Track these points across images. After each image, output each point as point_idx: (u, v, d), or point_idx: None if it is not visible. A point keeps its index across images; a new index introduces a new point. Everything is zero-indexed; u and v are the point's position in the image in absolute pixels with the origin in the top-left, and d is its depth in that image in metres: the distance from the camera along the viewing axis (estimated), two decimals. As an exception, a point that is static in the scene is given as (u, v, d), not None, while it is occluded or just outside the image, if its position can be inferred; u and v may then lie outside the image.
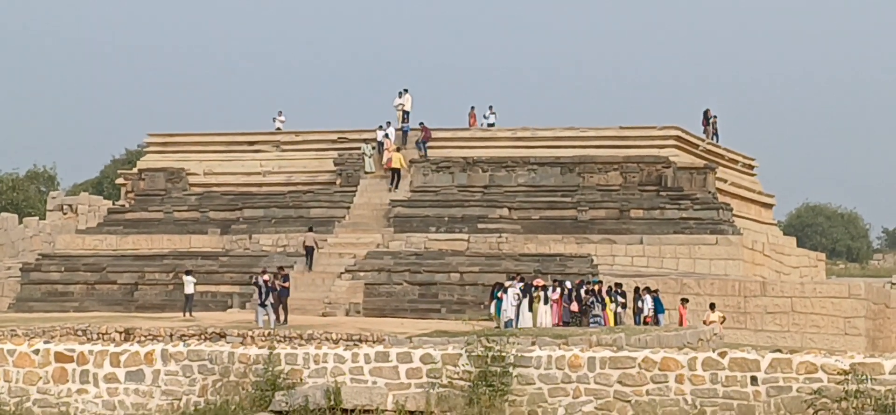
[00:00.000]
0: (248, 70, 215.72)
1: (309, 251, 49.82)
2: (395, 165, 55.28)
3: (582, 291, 41.82)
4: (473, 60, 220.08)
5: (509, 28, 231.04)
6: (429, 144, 56.32)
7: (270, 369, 20.27)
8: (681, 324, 40.25)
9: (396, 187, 55.00)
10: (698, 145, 56.41)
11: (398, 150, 55.97)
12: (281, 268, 42.31)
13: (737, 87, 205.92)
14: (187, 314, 41.83)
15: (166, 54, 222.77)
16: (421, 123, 58.05)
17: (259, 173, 57.89)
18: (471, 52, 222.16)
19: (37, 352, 21.72)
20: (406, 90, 59.11)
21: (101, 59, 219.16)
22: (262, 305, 39.13)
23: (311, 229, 50.92)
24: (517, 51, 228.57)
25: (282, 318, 39.10)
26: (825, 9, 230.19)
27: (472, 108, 60.71)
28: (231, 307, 46.06)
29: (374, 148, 56.19)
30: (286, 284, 40.21)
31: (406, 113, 58.42)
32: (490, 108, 60.64)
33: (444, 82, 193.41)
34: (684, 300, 42.15)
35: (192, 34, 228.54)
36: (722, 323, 40.91)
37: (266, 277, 40.70)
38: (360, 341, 25.97)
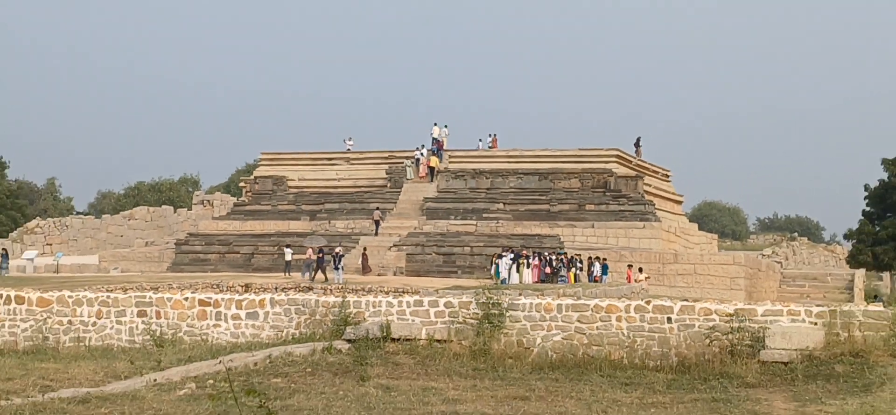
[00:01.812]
0: (328, 105, 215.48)
1: (377, 223, 51.03)
2: (432, 164, 55.52)
3: (553, 259, 42.04)
4: (482, 100, 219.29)
5: (510, 78, 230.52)
6: (449, 157, 56.37)
7: (343, 311, 20.37)
8: (629, 281, 40.40)
9: (433, 181, 55.19)
10: (631, 161, 56.29)
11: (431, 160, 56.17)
12: (319, 247, 42.51)
13: (659, 117, 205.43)
14: (287, 274, 42.02)
15: (272, 96, 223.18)
16: (436, 140, 57.99)
17: (335, 179, 57.95)
18: (481, 94, 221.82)
19: (186, 299, 21.90)
20: (435, 124, 59.07)
21: (231, 97, 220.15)
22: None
23: (378, 209, 51.98)
24: (517, 94, 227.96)
25: (317, 277, 39.29)
26: (717, 57, 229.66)
27: (494, 134, 60.09)
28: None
29: (413, 162, 56.30)
30: (319, 255, 40.42)
31: (434, 139, 58.32)
32: (491, 136, 60.44)
33: (464, 114, 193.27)
34: (630, 266, 42.37)
35: (288, 81, 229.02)
36: (647, 281, 41.03)
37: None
38: (403, 292, 26.04)
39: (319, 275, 39.25)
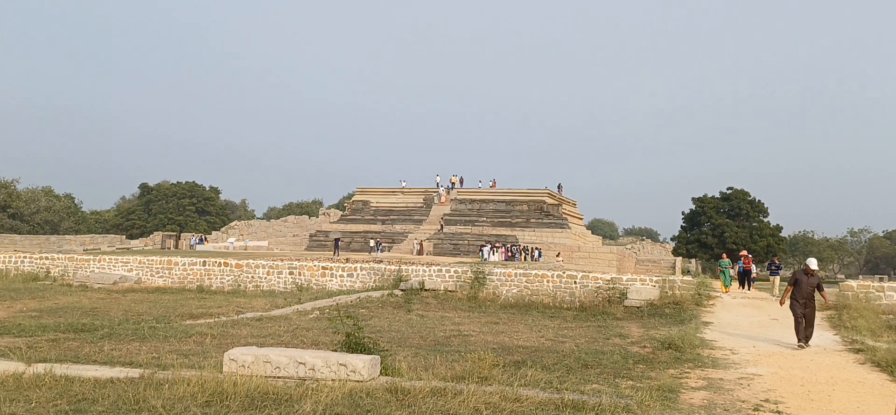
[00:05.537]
0: (393, 160, 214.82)
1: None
2: (452, 181, 55.35)
3: (513, 248, 41.81)
4: (482, 158, 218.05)
5: (497, 149, 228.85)
6: (458, 188, 56.14)
7: (399, 273, 20.38)
8: (554, 261, 40.10)
9: (450, 199, 54.62)
10: (556, 195, 55.93)
11: (448, 192, 56.00)
12: (336, 238, 42.15)
13: (573, 173, 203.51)
14: (371, 254, 41.76)
15: (362, 157, 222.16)
16: (452, 178, 57.32)
17: (395, 203, 57.80)
18: (481, 157, 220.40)
19: (314, 266, 21.89)
20: (437, 175, 58.59)
21: (342, 156, 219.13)
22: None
23: (424, 217, 51.74)
24: (500, 156, 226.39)
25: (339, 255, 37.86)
26: (602, 142, 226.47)
27: (494, 180, 57.36)
28: (383, 252, 46.04)
29: (438, 194, 56.20)
30: (336, 240, 39.78)
31: (450, 181, 58.02)
32: (490, 181, 60.15)
33: (471, 163, 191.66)
34: (557, 254, 42.04)
35: (370, 147, 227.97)
36: (563, 261, 40.67)
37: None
38: (431, 264, 26.07)
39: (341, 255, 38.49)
